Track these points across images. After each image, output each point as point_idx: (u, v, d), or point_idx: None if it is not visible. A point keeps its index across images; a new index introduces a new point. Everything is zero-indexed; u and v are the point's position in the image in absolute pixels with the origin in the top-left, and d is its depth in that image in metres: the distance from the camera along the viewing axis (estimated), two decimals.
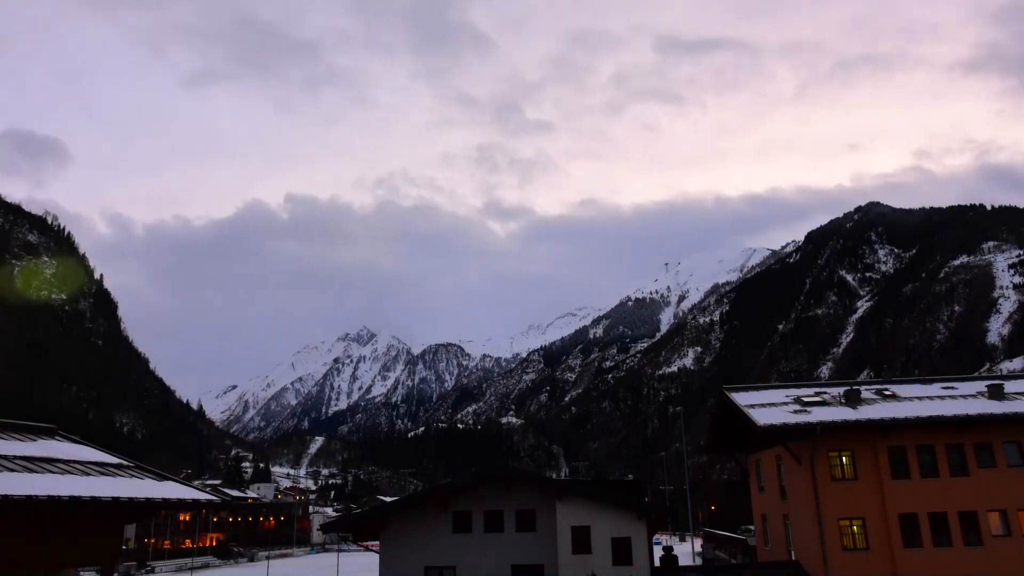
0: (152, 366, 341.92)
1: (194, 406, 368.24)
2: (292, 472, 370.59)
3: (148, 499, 18.76)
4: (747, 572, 42.39)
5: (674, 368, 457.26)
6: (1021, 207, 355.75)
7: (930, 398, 37.24)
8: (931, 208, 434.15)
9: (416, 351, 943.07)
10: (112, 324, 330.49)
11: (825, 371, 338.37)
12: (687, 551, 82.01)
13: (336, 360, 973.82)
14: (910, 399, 37.24)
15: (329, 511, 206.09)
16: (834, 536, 33.50)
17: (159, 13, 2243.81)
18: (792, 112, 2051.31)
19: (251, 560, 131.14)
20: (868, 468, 34.56)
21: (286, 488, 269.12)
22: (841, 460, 35.03)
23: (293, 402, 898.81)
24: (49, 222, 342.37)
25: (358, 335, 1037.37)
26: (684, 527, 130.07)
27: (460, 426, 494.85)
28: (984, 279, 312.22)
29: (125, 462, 21.93)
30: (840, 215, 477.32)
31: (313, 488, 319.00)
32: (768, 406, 36.81)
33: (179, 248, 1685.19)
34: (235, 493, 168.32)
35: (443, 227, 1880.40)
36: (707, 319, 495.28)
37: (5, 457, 18.31)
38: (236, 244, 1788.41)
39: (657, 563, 35.91)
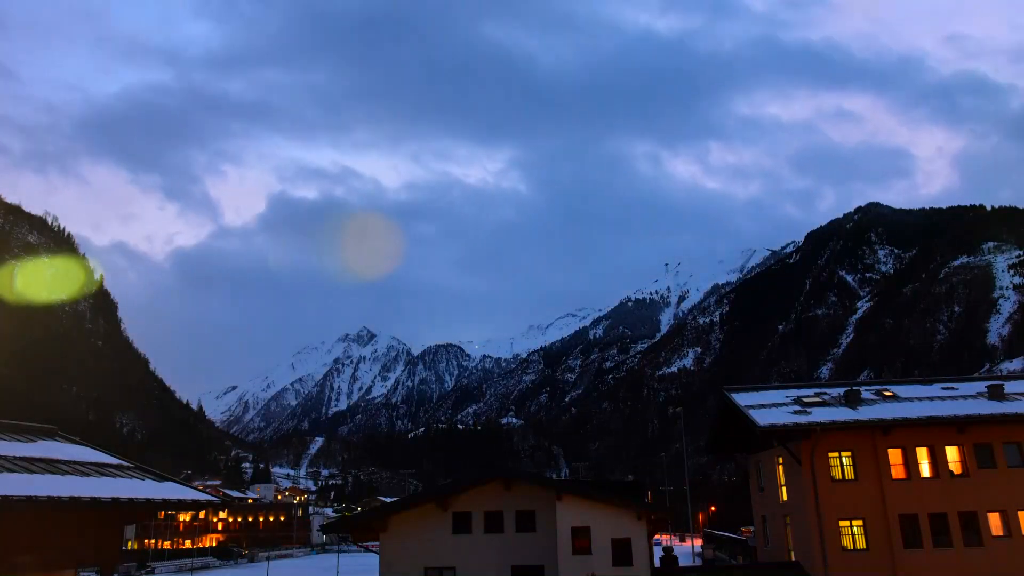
0: (152, 366, 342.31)
1: (194, 406, 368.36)
2: (292, 473, 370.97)
3: (148, 500, 18.76)
4: (747, 572, 42.37)
5: (674, 368, 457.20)
6: (1021, 207, 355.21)
7: (930, 398, 37.21)
8: (931, 208, 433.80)
9: (416, 351, 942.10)
10: (112, 324, 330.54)
11: (825, 372, 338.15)
12: (687, 551, 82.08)
13: (336, 361, 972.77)
14: (910, 400, 37.22)
15: (329, 512, 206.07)
16: (834, 536, 33.46)
17: None
18: None
19: (251, 561, 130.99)
20: (868, 468, 34.54)
21: (286, 489, 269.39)
22: (841, 461, 35.02)
23: (293, 403, 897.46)
24: (49, 222, 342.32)
25: (358, 335, 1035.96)
26: (684, 528, 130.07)
27: (460, 427, 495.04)
28: (984, 279, 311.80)
29: (125, 463, 21.93)
30: (840, 215, 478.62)
31: (313, 489, 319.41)
32: (768, 407, 36.79)
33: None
34: (235, 494, 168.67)
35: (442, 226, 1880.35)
36: (707, 319, 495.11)
37: (5, 457, 18.30)
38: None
39: (657, 564, 35.94)
